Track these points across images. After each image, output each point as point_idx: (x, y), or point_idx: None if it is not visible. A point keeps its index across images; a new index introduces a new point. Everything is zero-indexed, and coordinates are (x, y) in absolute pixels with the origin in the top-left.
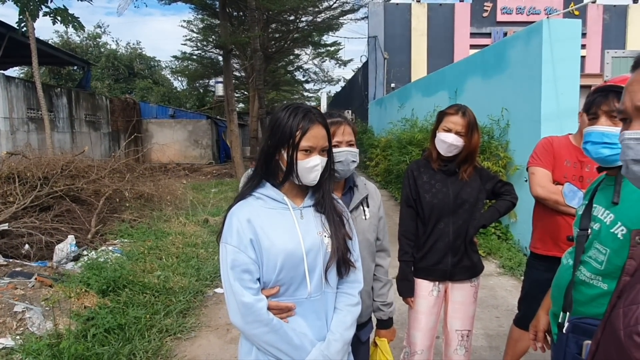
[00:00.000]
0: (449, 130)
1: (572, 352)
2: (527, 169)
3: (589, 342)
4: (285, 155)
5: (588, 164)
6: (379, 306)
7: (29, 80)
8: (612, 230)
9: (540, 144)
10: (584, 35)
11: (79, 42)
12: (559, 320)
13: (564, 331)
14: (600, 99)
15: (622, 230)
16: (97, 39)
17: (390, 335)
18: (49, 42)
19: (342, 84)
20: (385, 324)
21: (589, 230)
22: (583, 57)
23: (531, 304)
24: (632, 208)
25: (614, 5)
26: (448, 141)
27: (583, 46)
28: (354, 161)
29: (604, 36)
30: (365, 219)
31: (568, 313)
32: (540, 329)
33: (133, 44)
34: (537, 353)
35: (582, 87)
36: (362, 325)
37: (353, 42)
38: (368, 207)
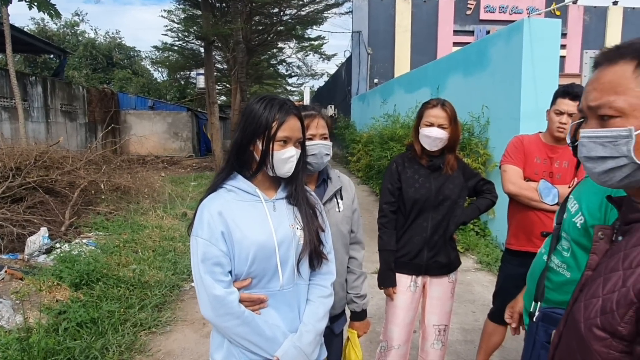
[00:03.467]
0: (431, 125)
1: (541, 341)
2: (499, 167)
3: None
4: (260, 146)
5: (557, 160)
6: (352, 298)
7: (3, 68)
8: (573, 220)
9: (511, 142)
10: (564, 35)
11: (55, 30)
12: (530, 310)
13: (534, 319)
14: None
15: (581, 219)
16: (75, 27)
17: (364, 327)
18: (24, 30)
19: (325, 78)
20: (359, 316)
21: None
22: (563, 57)
23: (505, 299)
24: (590, 199)
25: (594, 7)
26: (432, 135)
27: (564, 46)
28: (327, 154)
29: (584, 36)
30: (339, 211)
31: (539, 302)
32: (516, 310)
33: (112, 33)
34: (510, 346)
35: (561, 86)
36: (336, 318)
37: (337, 36)
38: (342, 199)
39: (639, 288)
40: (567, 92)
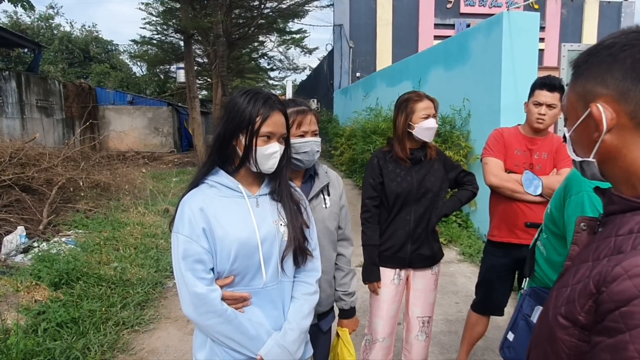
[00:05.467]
0: (427, 117)
1: (524, 312)
2: (480, 160)
3: (540, 307)
4: (243, 141)
5: (537, 152)
6: (340, 296)
7: None
8: (548, 205)
9: (491, 135)
10: (543, 28)
11: (29, 23)
12: (522, 285)
13: (521, 292)
14: None
15: (549, 208)
16: (50, 20)
17: (352, 325)
18: None
19: (307, 72)
20: (347, 313)
21: None
22: (542, 50)
23: (487, 290)
24: (559, 188)
25: (572, 0)
26: (432, 126)
27: (542, 39)
28: (318, 151)
29: (561, 30)
30: (326, 207)
31: (528, 279)
32: None
33: (89, 26)
34: (492, 336)
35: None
36: (323, 315)
37: (319, 30)
38: (329, 195)
39: (598, 279)
40: (545, 83)
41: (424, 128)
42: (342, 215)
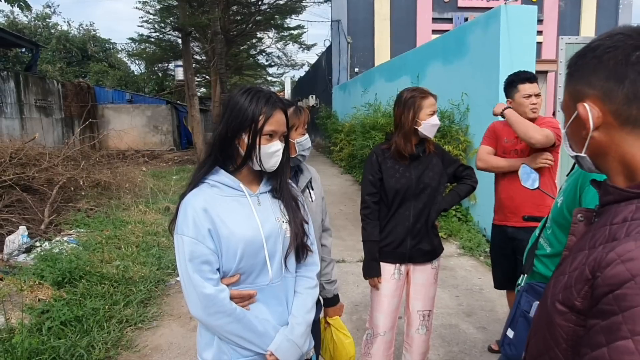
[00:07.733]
0: (433, 113)
1: (522, 309)
2: None
3: (537, 302)
4: (246, 140)
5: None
6: (324, 285)
7: None
8: (557, 199)
9: (488, 127)
10: (540, 21)
11: (26, 22)
12: (518, 281)
13: (518, 289)
14: None
15: (561, 199)
16: (47, 20)
17: (338, 311)
18: None
19: (306, 68)
20: (332, 301)
21: None
22: (540, 43)
23: (495, 267)
24: (569, 181)
25: None
26: (438, 123)
27: (540, 32)
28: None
29: (559, 23)
30: (312, 201)
31: (526, 275)
32: None
33: (86, 25)
34: (493, 329)
35: (538, 72)
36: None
37: (316, 26)
38: (313, 189)
39: (593, 265)
40: (526, 78)
41: (430, 125)
42: (323, 207)
